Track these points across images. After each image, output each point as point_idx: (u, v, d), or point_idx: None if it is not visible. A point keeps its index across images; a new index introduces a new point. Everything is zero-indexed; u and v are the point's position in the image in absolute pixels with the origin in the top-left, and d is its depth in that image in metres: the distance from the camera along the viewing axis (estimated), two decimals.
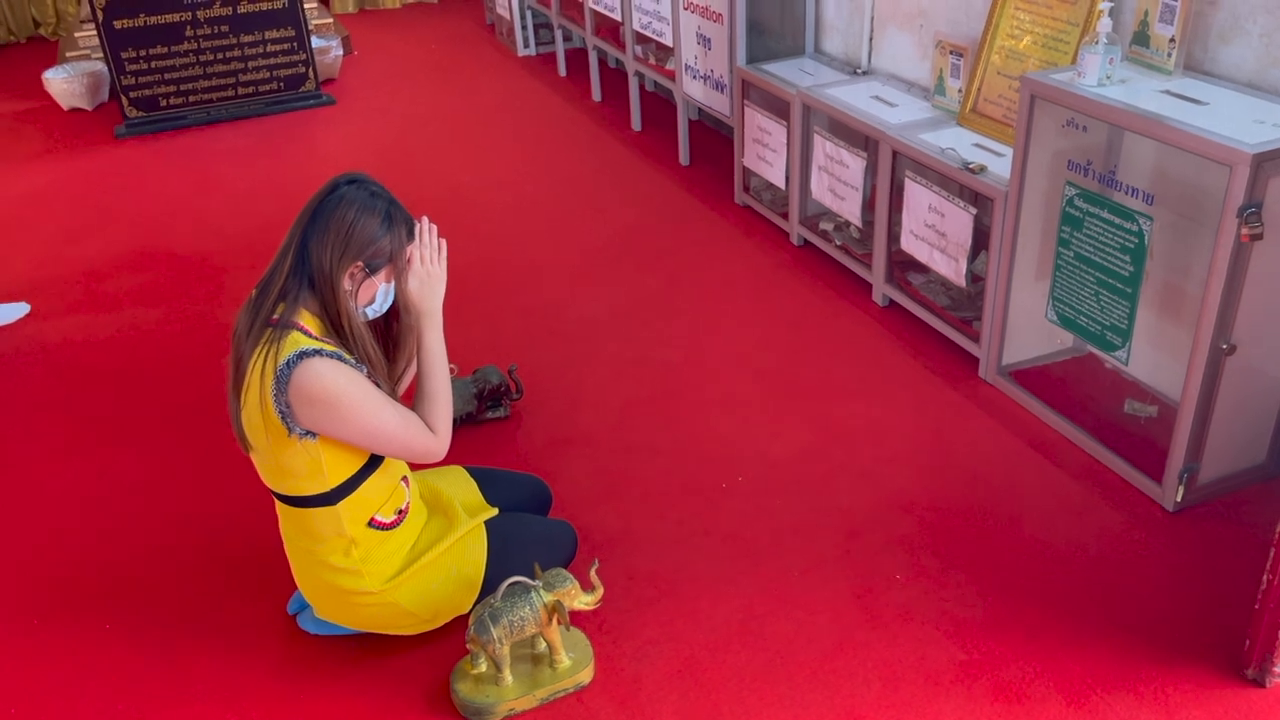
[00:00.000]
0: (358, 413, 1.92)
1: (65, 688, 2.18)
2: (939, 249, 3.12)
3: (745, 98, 4.05)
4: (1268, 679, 2.02)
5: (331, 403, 1.89)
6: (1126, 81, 2.56)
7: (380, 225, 1.97)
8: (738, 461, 2.76)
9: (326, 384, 1.88)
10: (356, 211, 1.94)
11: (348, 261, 1.94)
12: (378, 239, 1.96)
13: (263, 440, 1.95)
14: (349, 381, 1.91)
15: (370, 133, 5.50)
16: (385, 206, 1.99)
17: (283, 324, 1.91)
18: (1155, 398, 2.80)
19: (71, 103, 5.99)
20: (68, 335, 3.59)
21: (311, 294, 1.96)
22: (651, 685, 2.10)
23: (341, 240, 1.93)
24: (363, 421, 1.94)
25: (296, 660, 2.21)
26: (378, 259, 1.98)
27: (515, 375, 3.02)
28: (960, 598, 2.28)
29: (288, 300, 1.94)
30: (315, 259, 1.94)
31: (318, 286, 1.95)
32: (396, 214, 2.01)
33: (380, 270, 2.00)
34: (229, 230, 4.35)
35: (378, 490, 2.08)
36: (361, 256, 1.95)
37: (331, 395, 1.89)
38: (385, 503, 2.10)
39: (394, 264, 2.02)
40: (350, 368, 1.93)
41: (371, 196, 1.98)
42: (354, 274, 1.96)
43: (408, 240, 2.05)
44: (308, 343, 1.90)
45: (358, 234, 1.94)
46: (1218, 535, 2.43)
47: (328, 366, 1.89)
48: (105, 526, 2.65)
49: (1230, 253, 2.22)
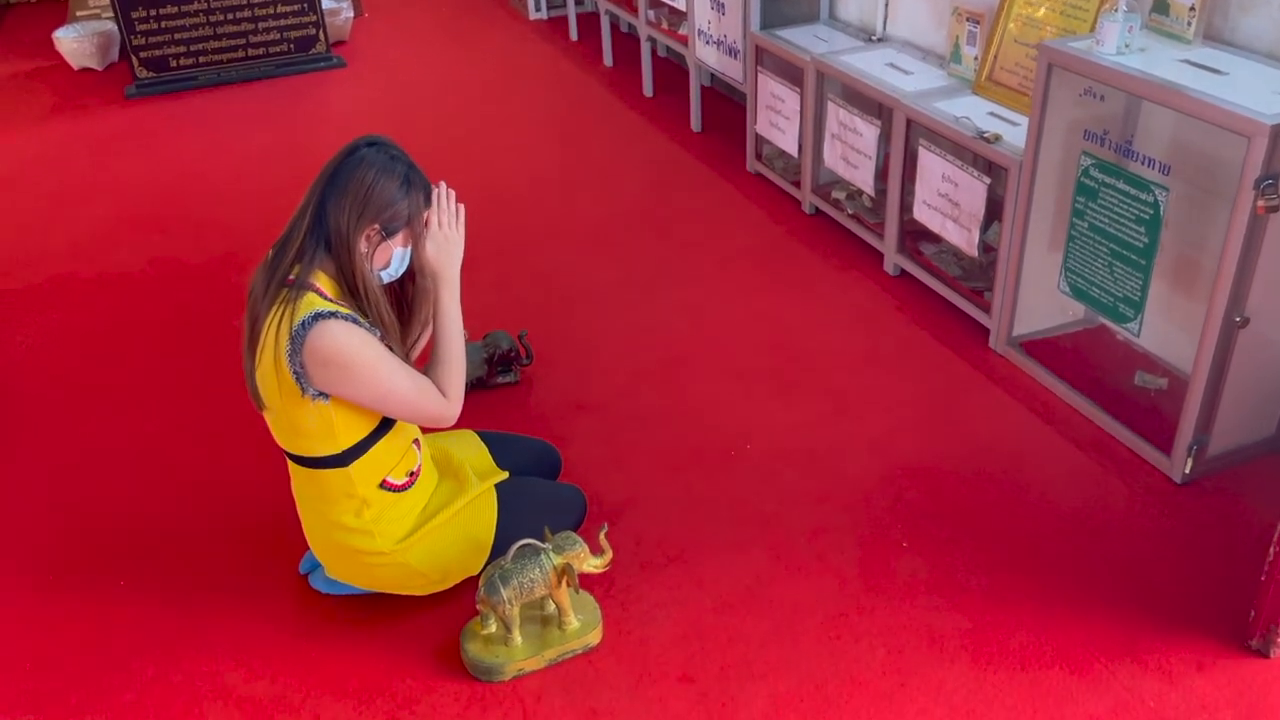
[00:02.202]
0: (371, 375, 1.93)
1: (80, 644, 2.21)
2: (952, 218, 3.11)
3: (758, 64, 4.02)
4: (1271, 650, 2.03)
5: (345, 364, 1.90)
6: (1145, 50, 2.53)
7: (398, 188, 1.97)
8: (746, 429, 2.77)
9: (341, 346, 1.89)
10: (375, 174, 1.94)
11: (365, 224, 1.94)
12: (395, 202, 1.96)
13: (276, 400, 1.96)
14: (363, 344, 1.92)
15: (380, 96, 5.47)
16: (404, 170, 1.98)
17: (299, 285, 1.91)
18: (1166, 370, 2.80)
19: (82, 62, 5.97)
20: (78, 297, 3.60)
21: (328, 255, 1.96)
22: (658, 648, 2.12)
23: (359, 202, 1.93)
24: (376, 384, 1.95)
25: (308, 619, 2.24)
26: (395, 222, 1.98)
27: (525, 341, 3.02)
28: (966, 566, 2.29)
29: (304, 261, 1.94)
30: (333, 220, 1.94)
31: (334, 248, 1.95)
32: (415, 178, 2.01)
33: (397, 234, 2.00)
34: (239, 192, 4.35)
35: (390, 452, 2.09)
36: (379, 219, 1.95)
37: (345, 357, 1.89)
38: (397, 465, 2.11)
39: (411, 228, 2.02)
40: (364, 330, 1.93)
41: (391, 160, 1.97)
42: (370, 236, 1.97)
43: (425, 205, 2.04)
44: (323, 304, 1.90)
45: (375, 196, 1.94)
46: (1225, 507, 2.43)
47: (342, 329, 1.89)
48: (119, 487, 2.68)
49: (1246, 225, 2.20)
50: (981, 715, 1.95)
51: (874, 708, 1.98)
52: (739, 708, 1.99)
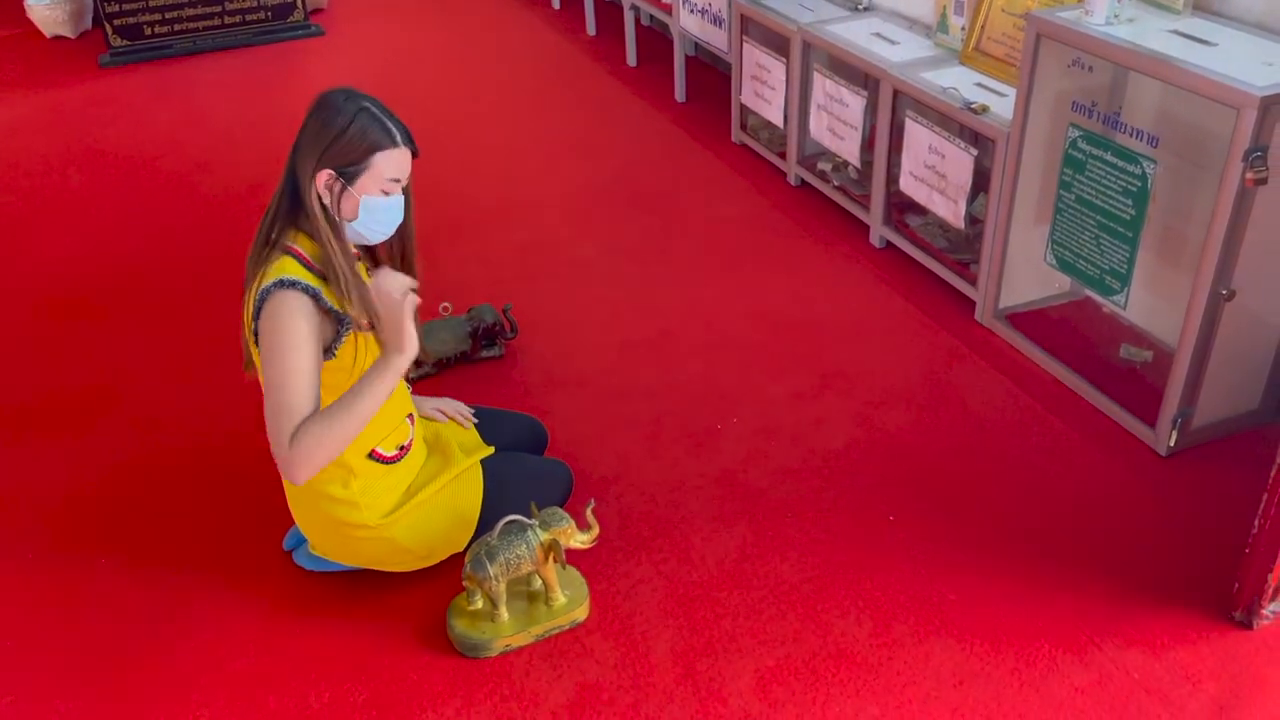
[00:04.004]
0: (278, 361, 1.86)
1: (59, 621, 2.18)
2: (938, 190, 3.09)
3: (744, 33, 3.97)
4: (1255, 621, 2.04)
5: (270, 336, 1.87)
6: (1134, 21, 2.51)
7: (351, 127, 1.89)
8: (732, 403, 2.76)
9: (279, 319, 1.86)
10: (329, 115, 1.89)
11: (319, 167, 1.90)
12: (344, 139, 1.89)
13: (257, 361, 1.96)
14: (294, 330, 1.86)
15: (359, 64, 5.39)
16: (354, 110, 1.90)
17: (276, 245, 1.91)
18: (1151, 343, 2.80)
19: (54, 30, 5.86)
20: (52, 269, 3.54)
21: (301, 211, 1.93)
22: (645, 622, 2.12)
23: (310, 144, 1.90)
24: (271, 371, 1.87)
25: (292, 595, 2.22)
26: (350, 165, 1.90)
27: (510, 314, 3.00)
28: (952, 539, 2.30)
29: (279, 219, 1.93)
30: (293, 169, 1.92)
31: (299, 202, 1.92)
32: (367, 119, 1.91)
33: (357, 179, 1.92)
34: (215, 162, 4.28)
35: (379, 424, 2.06)
36: (332, 163, 1.90)
37: (273, 329, 1.87)
38: (387, 437, 2.09)
39: (372, 173, 1.92)
40: (310, 317, 1.88)
41: (346, 100, 1.91)
42: (330, 185, 1.91)
43: (391, 145, 1.92)
44: (292, 271, 1.89)
45: (323, 135, 1.89)
46: (1209, 480, 2.44)
47: (291, 304, 1.86)
48: (100, 460, 2.64)
49: (1234, 197, 2.20)
50: (968, 688, 1.96)
51: (861, 681, 1.98)
52: (726, 681, 1.99)
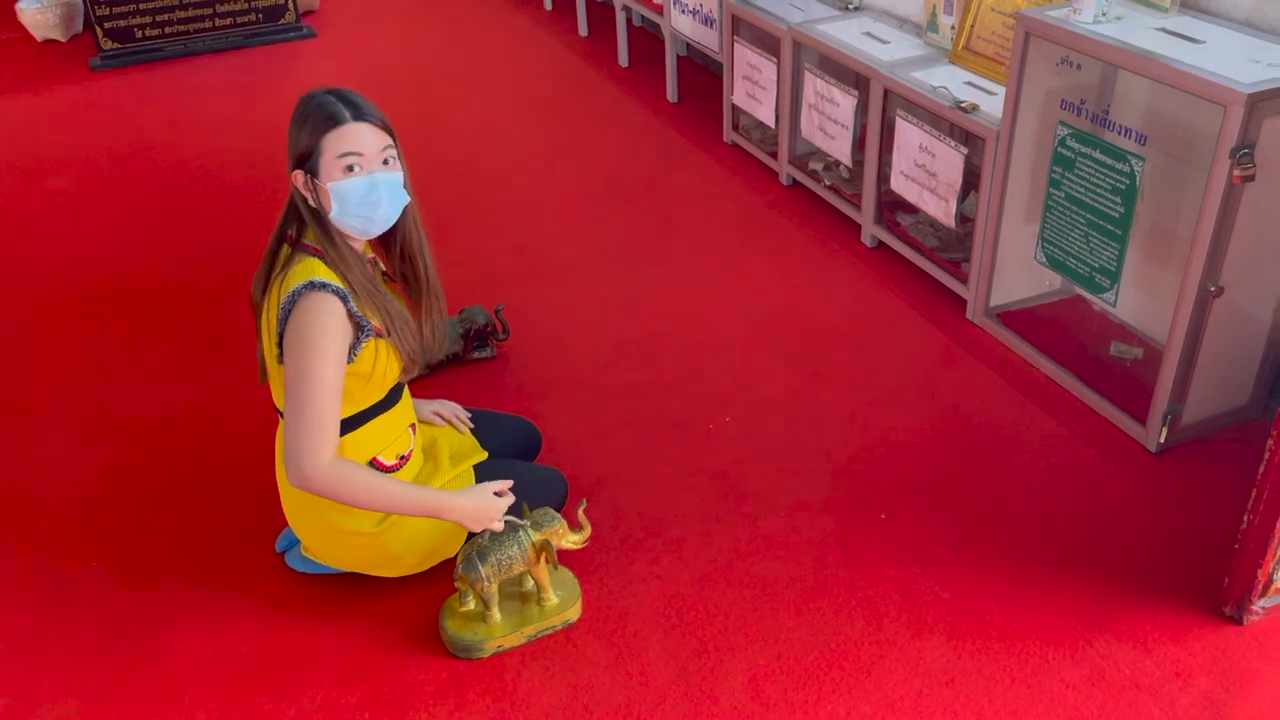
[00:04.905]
0: (311, 364, 1.86)
1: (51, 623, 2.18)
2: (929, 189, 3.10)
3: (735, 33, 3.98)
4: (1245, 617, 2.05)
5: (302, 340, 1.87)
6: (1123, 18, 2.52)
7: (304, 120, 1.89)
8: (725, 402, 2.76)
9: (310, 322, 1.86)
10: (293, 116, 1.92)
11: (293, 170, 1.92)
12: (298, 134, 1.89)
13: (274, 365, 1.97)
14: (326, 331, 1.87)
15: (352, 67, 5.39)
16: (305, 102, 1.91)
17: (296, 244, 1.94)
18: (1141, 340, 2.81)
19: (45, 34, 5.84)
20: (45, 271, 3.54)
21: (301, 219, 1.97)
22: (638, 622, 2.12)
23: (288, 151, 1.93)
24: (302, 376, 1.86)
25: (285, 597, 2.22)
26: (308, 157, 1.89)
27: (501, 315, 3.00)
28: (943, 537, 2.30)
29: (287, 216, 1.97)
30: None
31: (295, 206, 1.96)
32: (313, 106, 1.89)
33: (319, 169, 1.89)
34: (207, 165, 4.28)
35: (382, 432, 2.07)
36: (299, 161, 1.91)
37: (306, 333, 1.86)
38: (389, 445, 2.10)
39: (326, 157, 1.88)
40: (342, 320, 1.88)
41: (306, 97, 1.91)
42: (306, 184, 1.92)
43: (334, 125, 1.87)
44: (321, 272, 1.89)
45: (290, 138, 1.91)
46: (1199, 476, 2.45)
47: (322, 306, 1.86)
48: (93, 461, 2.64)
49: (1221, 194, 2.20)
50: (960, 685, 1.97)
51: (853, 679, 1.99)
52: (719, 681, 1.99)
